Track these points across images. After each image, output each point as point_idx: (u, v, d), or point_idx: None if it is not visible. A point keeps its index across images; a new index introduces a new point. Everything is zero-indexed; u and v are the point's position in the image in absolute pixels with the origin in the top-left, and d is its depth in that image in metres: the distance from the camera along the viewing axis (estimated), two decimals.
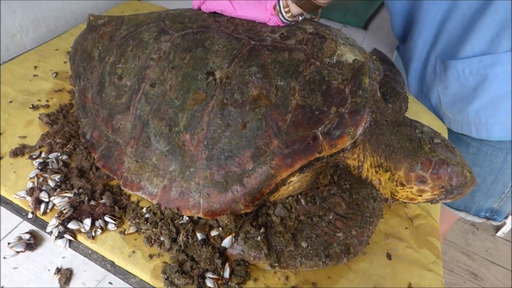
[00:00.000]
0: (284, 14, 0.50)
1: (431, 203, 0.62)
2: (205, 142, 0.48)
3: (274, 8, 0.50)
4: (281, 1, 0.49)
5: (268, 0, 0.50)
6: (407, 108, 0.73)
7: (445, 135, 0.81)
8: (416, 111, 0.82)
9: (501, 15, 0.61)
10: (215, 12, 0.56)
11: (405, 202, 0.57)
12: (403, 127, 0.53)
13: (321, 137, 0.45)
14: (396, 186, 0.53)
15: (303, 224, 0.46)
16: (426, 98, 0.85)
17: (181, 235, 0.46)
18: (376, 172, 0.53)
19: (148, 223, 0.48)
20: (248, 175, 0.46)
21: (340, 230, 0.46)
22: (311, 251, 0.45)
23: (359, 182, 0.49)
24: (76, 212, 0.48)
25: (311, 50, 0.48)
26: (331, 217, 0.46)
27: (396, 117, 0.54)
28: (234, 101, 0.47)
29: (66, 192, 0.49)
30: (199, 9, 0.58)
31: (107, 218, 0.48)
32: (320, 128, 0.45)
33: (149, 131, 0.52)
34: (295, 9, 0.49)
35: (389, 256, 0.53)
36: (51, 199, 0.49)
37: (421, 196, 0.53)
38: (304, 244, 0.45)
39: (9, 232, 0.51)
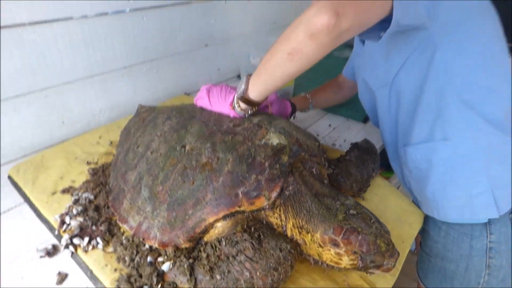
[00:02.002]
0: (237, 108, 0.72)
1: (366, 272, 0.69)
2: (168, 192, 0.68)
3: (231, 104, 0.72)
4: (234, 100, 0.71)
5: (229, 99, 0.73)
6: (362, 188, 0.83)
7: (420, 218, 0.86)
8: (387, 195, 0.90)
9: (431, 109, 0.74)
10: (202, 107, 0.81)
11: (333, 266, 0.65)
12: (326, 198, 0.66)
13: (241, 195, 0.62)
14: (318, 247, 0.64)
15: (222, 261, 0.60)
16: (404, 183, 0.93)
17: (137, 256, 0.64)
18: (300, 232, 0.65)
19: (122, 246, 0.67)
20: (188, 218, 0.63)
21: (247, 270, 0.58)
22: (222, 284, 0.58)
23: (274, 236, 0.62)
24: (82, 232, 0.71)
25: (248, 134, 0.68)
26: (242, 258, 0.59)
27: (323, 190, 0.68)
28: (191, 165, 0.68)
29: (79, 217, 0.73)
30: (196, 104, 0.84)
31: (98, 239, 0.69)
32: (241, 189, 0.62)
33: (142, 183, 0.75)
34: (243, 105, 0.71)
35: None
36: (70, 221, 0.73)
37: (341, 260, 0.62)
38: (218, 277, 0.58)
39: (41, 243, 0.75)
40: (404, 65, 0.73)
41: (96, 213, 0.76)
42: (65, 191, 0.85)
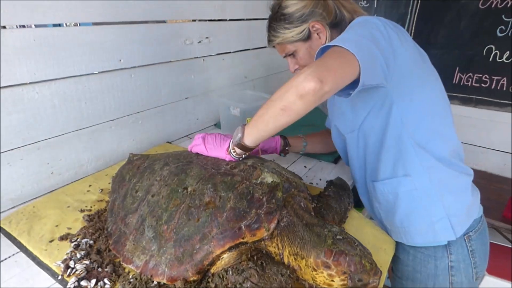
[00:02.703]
0: (233, 153, 0.82)
1: None
2: (174, 230, 0.74)
3: (227, 150, 0.83)
4: (230, 146, 0.82)
5: (224, 145, 0.84)
6: (342, 219, 0.95)
7: (392, 245, 0.98)
8: (362, 225, 1.02)
9: (393, 150, 0.89)
10: (198, 153, 0.91)
11: None
12: (315, 227, 0.76)
13: (244, 228, 0.70)
14: (312, 271, 0.72)
15: None
16: (374, 214, 1.06)
17: None
18: (295, 259, 0.74)
19: (130, 285, 0.71)
20: (196, 252, 0.70)
21: None
22: None
23: (274, 263, 0.70)
24: (88, 274, 0.74)
25: (245, 175, 0.78)
26: (248, 285, 0.66)
27: (312, 220, 0.78)
28: (195, 205, 0.76)
29: (85, 260, 0.76)
30: (191, 151, 0.94)
31: (106, 280, 0.73)
32: (244, 222, 0.71)
33: (145, 224, 0.80)
34: (238, 150, 0.82)
35: None
36: (75, 265, 0.76)
37: (333, 281, 0.71)
38: None
39: None
40: (368, 114, 0.89)
41: (99, 256, 0.79)
42: (63, 238, 0.87)
